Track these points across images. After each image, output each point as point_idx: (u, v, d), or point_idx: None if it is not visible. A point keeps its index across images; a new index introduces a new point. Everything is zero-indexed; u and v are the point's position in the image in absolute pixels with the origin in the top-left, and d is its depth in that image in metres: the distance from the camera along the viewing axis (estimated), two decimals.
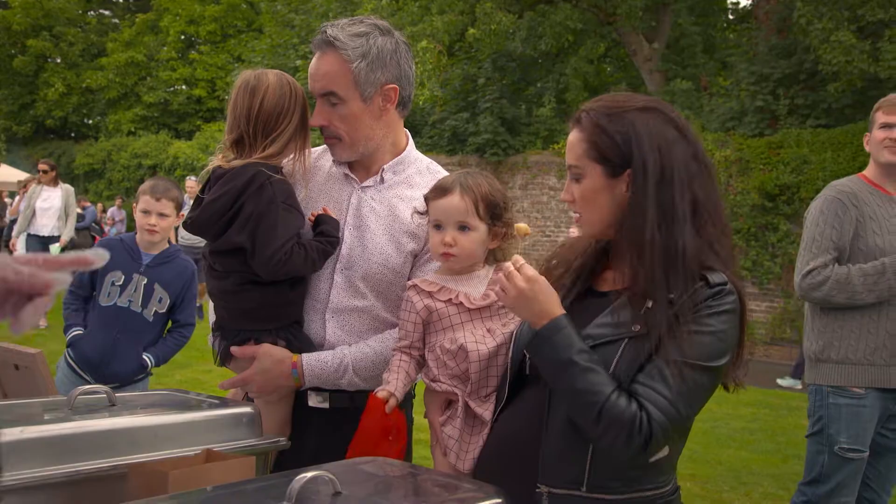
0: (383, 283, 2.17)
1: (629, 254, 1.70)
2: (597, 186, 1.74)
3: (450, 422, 1.90)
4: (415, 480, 1.51)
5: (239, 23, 28.53)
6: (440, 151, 17.60)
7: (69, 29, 29.31)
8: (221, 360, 2.22)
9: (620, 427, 1.57)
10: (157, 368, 3.93)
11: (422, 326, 1.95)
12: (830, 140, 12.22)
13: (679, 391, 1.59)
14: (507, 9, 15.79)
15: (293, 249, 2.08)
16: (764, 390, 8.92)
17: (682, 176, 1.70)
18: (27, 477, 1.46)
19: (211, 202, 2.10)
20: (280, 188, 2.11)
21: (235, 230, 2.08)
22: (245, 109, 2.15)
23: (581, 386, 1.59)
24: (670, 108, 1.79)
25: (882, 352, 3.22)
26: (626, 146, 1.70)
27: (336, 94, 2.13)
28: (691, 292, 1.63)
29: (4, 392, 2.44)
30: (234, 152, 2.17)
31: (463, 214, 1.92)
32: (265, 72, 2.20)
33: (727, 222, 1.78)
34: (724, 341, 1.65)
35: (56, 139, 29.54)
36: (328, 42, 2.11)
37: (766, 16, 15.00)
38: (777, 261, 12.61)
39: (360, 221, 2.20)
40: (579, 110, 1.79)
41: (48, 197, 10.31)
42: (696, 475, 5.45)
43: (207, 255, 2.20)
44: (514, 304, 1.70)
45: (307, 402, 2.16)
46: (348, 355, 2.13)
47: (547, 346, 1.64)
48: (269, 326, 2.15)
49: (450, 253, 1.93)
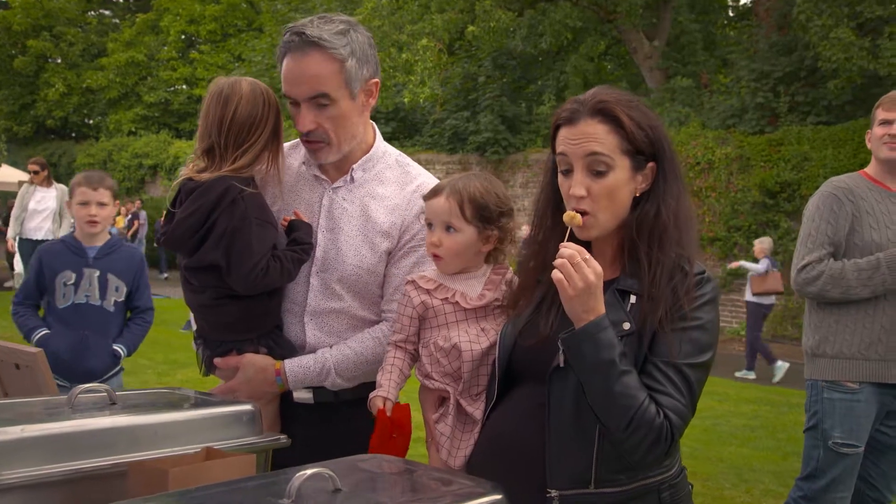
0: (359, 283, 2.17)
1: (644, 246, 1.69)
2: (622, 180, 1.70)
3: (442, 419, 1.92)
4: (413, 477, 1.52)
5: (239, 22, 28.52)
6: (441, 150, 17.61)
7: (69, 29, 29.30)
8: (206, 370, 2.24)
9: (648, 432, 1.57)
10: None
11: (417, 321, 1.97)
12: (831, 137, 12.22)
13: (689, 393, 1.62)
14: (506, 7, 15.79)
15: (269, 264, 2.07)
16: (764, 387, 8.94)
17: (680, 166, 1.75)
18: (27, 475, 1.46)
19: (183, 219, 2.07)
20: (252, 202, 2.08)
21: (209, 248, 2.06)
22: (217, 119, 2.10)
23: (619, 389, 1.56)
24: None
25: (877, 346, 3.23)
26: (657, 139, 1.71)
27: (328, 96, 2.07)
28: (678, 282, 1.66)
29: (5, 391, 2.44)
30: (204, 161, 2.13)
31: (447, 215, 1.94)
32: (239, 80, 2.15)
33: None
34: (713, 332, 1.68)
35: (57, 139, 29.55)
36: (312, 42, 2.04)
37: (766, 13, 15.01)
38: (778, 258, 12.58)
39: (332, 224, 2.19)
40: (596, 101, 1.71)
41: (42, 198, 9.82)
42: (696, 472, 5.45)
43: (183, 270, 2.19)
44: (573, 296, 1.57)
45: (292, 397, 2.19)
46: (330, 359, 2.14)
47: (590, 344, 1.57)
48: (249, 336, 2.16)
49: (436, 254, 1.96)
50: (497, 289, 1.97)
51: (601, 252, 1.76)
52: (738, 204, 12.92)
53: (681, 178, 1.75)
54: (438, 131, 17.88)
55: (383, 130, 2.40)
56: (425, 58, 15.43)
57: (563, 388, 1.67)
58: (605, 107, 1.70)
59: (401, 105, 17.63)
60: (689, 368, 1.62)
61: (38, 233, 9.78)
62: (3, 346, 2.38)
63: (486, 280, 2.00)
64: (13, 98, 29.38)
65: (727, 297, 13.15)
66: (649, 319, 1.63)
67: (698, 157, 13.32)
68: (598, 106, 1.71)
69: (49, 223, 9.81)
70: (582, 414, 1.64)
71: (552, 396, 1.69)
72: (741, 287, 13.05)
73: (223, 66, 25.84)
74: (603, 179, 1.69)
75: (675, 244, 1.69)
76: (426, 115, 18.79)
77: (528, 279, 1.87)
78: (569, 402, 1.67)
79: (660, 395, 1.60)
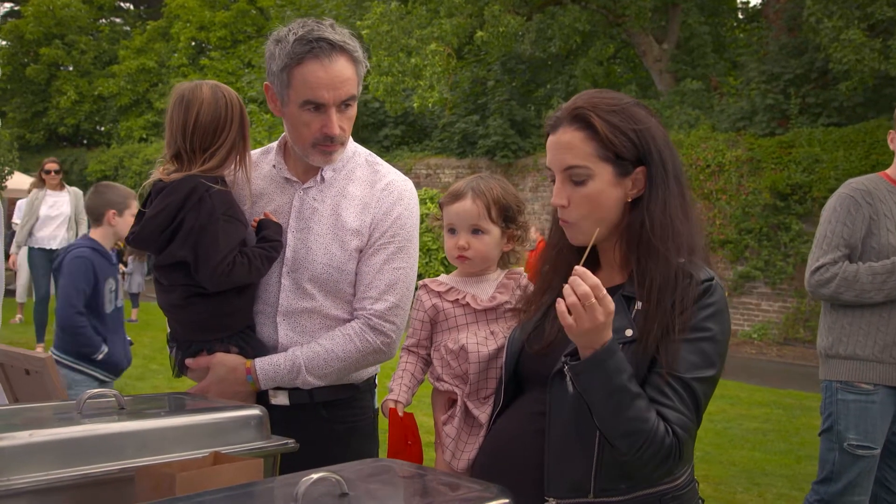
0: (330, 282, 2.18)
1: (639, 254, 1.67)
2: (605, 188, 1.68)
3: (450, 421, 1.92)
4: (421, 480, 1.51)
5: (249, 28, 28.63)
6: (450, 154, 17.62)
7: (81, 37, 29.49)
8: (178, 371, 2.26)
9: (658, 451, 1.55)
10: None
11: (429, 325, 1.98)
12: (842, 138, 12.15)
13: (696, 408, 1.60)
14: (515, 11, 15.78)
15: (235, 260, 2.10)
16: (777, 390, 8.88)
17: (681, 168, 1.72)
18: (36, 480, 1.47)
19: (152, 217, 2.12)
20: (220, 199, 2.11)
21: (177, 244, 2.10)
22: (180, 125, 2.14)
23: (632, 413, 1.53)
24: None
25: (892, 349, 3.20)
26: (643, 143, 1.67)
27: (354, 97, 2.14)
28: (681, 290, 1.61)
29: (15, 396, 2.46)
30: (174, 166, 2.17)
31: (476, 218, 1.95)
32: (200, 84, 2.17)
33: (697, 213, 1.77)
34: (723, 343, 1.64)
35: (68, 146, 29.73)
36: (340, 47, 2.09)
37: (775, 15, 14.95)
38: (790, 260, 12.55)
39: (303, 224, 2.21)
40: (573, 107, 1.70)
41: (55, 202, 8.72)
42: (708, 476, 5.42)
43: (153, 270, 2.23)
44: (580, 333, 1.51)
45: (268, 401, 2.20)
46: (300, 356, 2.15)
47: (599, 372, 1.52)
48: (220, 336, 2.18)
49: (464, 256, 1.96)
50: (509, 292, 1.98)
51: (609, 257, 1.75)
52: (749, 206, 12.86)
53: (677, 181, 1.70)
54: (448, 135, 17.88)
55: (393, 135, 2.44)
56: (434, 62, 15.44)
57: (563, 395, 1.65)
58: (580, 113, 1.69)
59: (410, 110, 17.65)
60: (697, 383, 1.58)
61: (52, 242, 8.69)
62: (13, 352, 2.39)
63: (497, 284, 2.00)
64: (26, 106, 29.58)
65: (739, 301, 13.09)
66: (650, 326, 1.60)
67: (708, 159, 13.28)
68: (574, 113, 1.70)
69: (63, 231, 8.67)
70: (582, 421, 1.61)
71: (552, 403, 1.67)
72: (753, 290, 13.01)
73: (233, 73, 25.96)
74: (582, 188, 1.69)
75: (673, 250, 1.64)
76: (435, 119, 18.79)
77: (541, 284, 1.86)
78: (569, 409, 1.64)
79: (667, 410, 1.57)
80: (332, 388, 2.20)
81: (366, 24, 15.99)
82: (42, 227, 8.65)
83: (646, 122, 1.69)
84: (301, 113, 2.12)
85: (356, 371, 2.23)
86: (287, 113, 2.16)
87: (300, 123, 2.14)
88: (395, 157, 17.43)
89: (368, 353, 2.16)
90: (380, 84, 15.78)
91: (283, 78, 2.11)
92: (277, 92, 2.16)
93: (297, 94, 2.10)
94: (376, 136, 18.49)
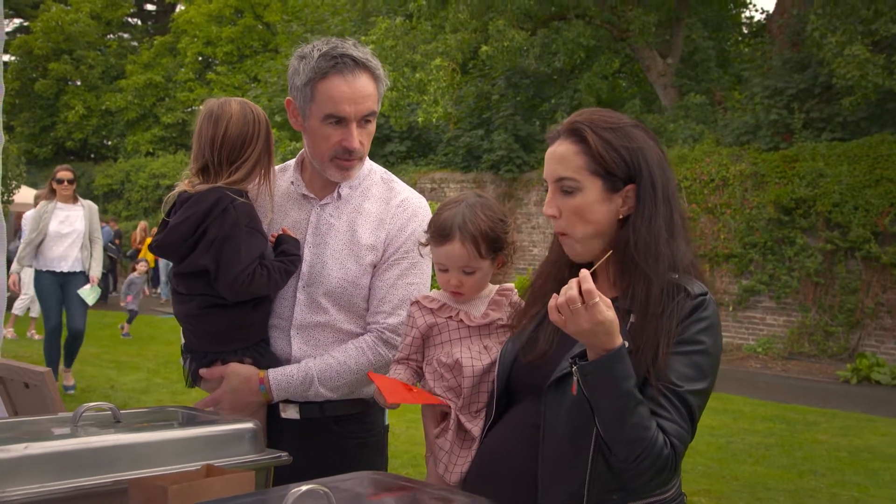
0: (344, 296, 2.22)
1: (625, 270, 1.70)
2: (593, 201, 1.71)
3: (443, 434, 1.93)
4: (410, 494, 1.52)
5: (255, 43, 28.84)
6: (455, 168, 17.67)
7: (89, 52, 29.73)
8: (192, 382, 2.28)
9: (655, 461, 1.57)
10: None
11: (420, 341, 1.99)
12: (846, 153, 12.15)
13: (691, 420, 1.62)
14: (519, 26, 15.87)
15: (256, 271, 2.13)
16: (780, 405, 8.85)
17: (674, 190, 1.74)
18: (30, 492, 1.48)
19: (176, 225, 2.15)
20: (243, 211, 2.15)
21: (200, 253, 2.13)
22: (209, 138, 2.19)
23: (636, 420, 1.54)
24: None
25: None
26: (634, 162, 1.71)
27: (374, 113, 2.19)
28: (675, 304, 1.64)
29: (15, 409, 2.47)
30: (199, 179, 2.21)
31: (466, 260, 1.93)
32: (228, 100, 2.23)
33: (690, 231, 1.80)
34: (716, 356, 1.67)
35: (76, 160, 29.91)
36: (363, 64, 2.13)
37: (779, 30, 14.99)
38: (794, 274, 12.52)
39: (319, 239, 2.25)
40: (571, 122, 1.77)
41: (67, 217, 7.39)
42: (711, 491, 5.40)
43: (172, 279, 2.26)
44: (576, 333, 1.54)
45: (279, 415, 2.22)
46: (313, 367, 2.18)
47: (608, 374, 1.53)
48: (235, 347, 2.20)
49: (458, 293, 1.98)
50: (501, 309, 1.99)
51: (603, 272, 1.77)
52: (754, 220, 12.86)
53: (666, 202, 1.73)
54: (452, 150, 17.94)
55: (398, 150, 2.49)
56: (439, 77, 15.53)
57: (558, 405, 1.67)
58: (576, 127, 1.74)
59: (414, 124, 17.72)
60: (691, 395, 1.61)
61: (63, 263, 7.38)
62: (12, 366, 2.42)
63: (489, 300, 2.01)
64: (34, 121, 29.82)
65: (743, 315, 13.06)
66: (643, 339, 1.62)
67: (712, 173, 13.29)
68: (571, 127, 1.75)
69: (76, 250, 7.40)
70: (576, 432, 1.63)
71: (547, 413, 1.69)
72: (757, 304, 12.98)
73: (239, 87, 26.13)
74: (571, 199, 1.73)
75: (653, 268, 1.67)
76: (440, 133, 18.86)
77: (534, 297, 1.88)
78: (563, 420, 1.66)
79: (664, 421, 1.59)
80: (343, 402, 2.23)
81: (371, 40, 16.09)
82: (52, 245, 7.32)
83: (641, 142, 1.73)
84: (322, 126, 2.16)
85: (368, 384, 2.24)
86: (308, 127, 2.20)
87: (320, 137, 2.17)
88: (401, 171, 17.47)
89: (380, 367, 2.18)
90: (384, 99, 15.84)
91: (306, 92, 2.14)
92: (300, 106, 2.19)
93: (320, 108, 2.14)
94: (381, 151, 18.56)
